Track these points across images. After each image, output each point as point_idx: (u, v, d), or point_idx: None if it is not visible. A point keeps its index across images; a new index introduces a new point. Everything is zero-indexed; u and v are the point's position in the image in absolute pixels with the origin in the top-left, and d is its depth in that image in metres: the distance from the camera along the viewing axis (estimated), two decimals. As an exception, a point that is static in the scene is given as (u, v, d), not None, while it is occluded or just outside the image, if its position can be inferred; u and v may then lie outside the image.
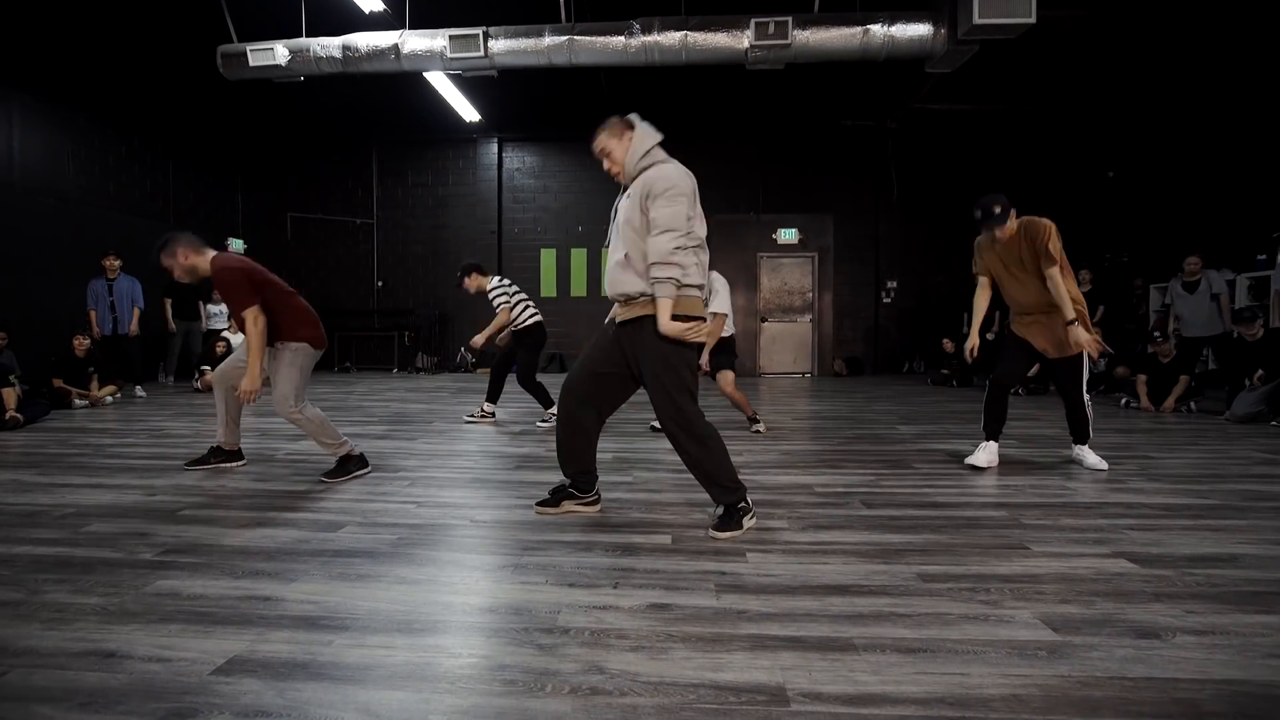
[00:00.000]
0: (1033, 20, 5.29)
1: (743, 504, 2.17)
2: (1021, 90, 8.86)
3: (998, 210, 2.99)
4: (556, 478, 2.67)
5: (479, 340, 4.59)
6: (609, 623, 1.49)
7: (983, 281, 3.30)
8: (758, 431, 4.25)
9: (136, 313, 6.66)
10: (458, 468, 3.21)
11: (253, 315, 2.75)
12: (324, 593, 1.66)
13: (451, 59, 6.26)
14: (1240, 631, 1.44)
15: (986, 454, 3.18)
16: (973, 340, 3.27)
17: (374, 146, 10.69)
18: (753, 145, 10.18)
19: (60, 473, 3.06)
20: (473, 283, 4.67)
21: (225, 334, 7.49)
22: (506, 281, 4.67)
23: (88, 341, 5.86)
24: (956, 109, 9.46)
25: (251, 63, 6.48)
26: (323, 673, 1.26)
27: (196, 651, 1.34)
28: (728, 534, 2.10)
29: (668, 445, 3.24)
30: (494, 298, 4.58)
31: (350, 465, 2.95)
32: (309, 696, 1.18)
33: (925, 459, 3.42)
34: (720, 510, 2.17)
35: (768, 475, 3.04)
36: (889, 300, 10.25)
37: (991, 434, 3.24)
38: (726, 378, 4.16)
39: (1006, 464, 3.25)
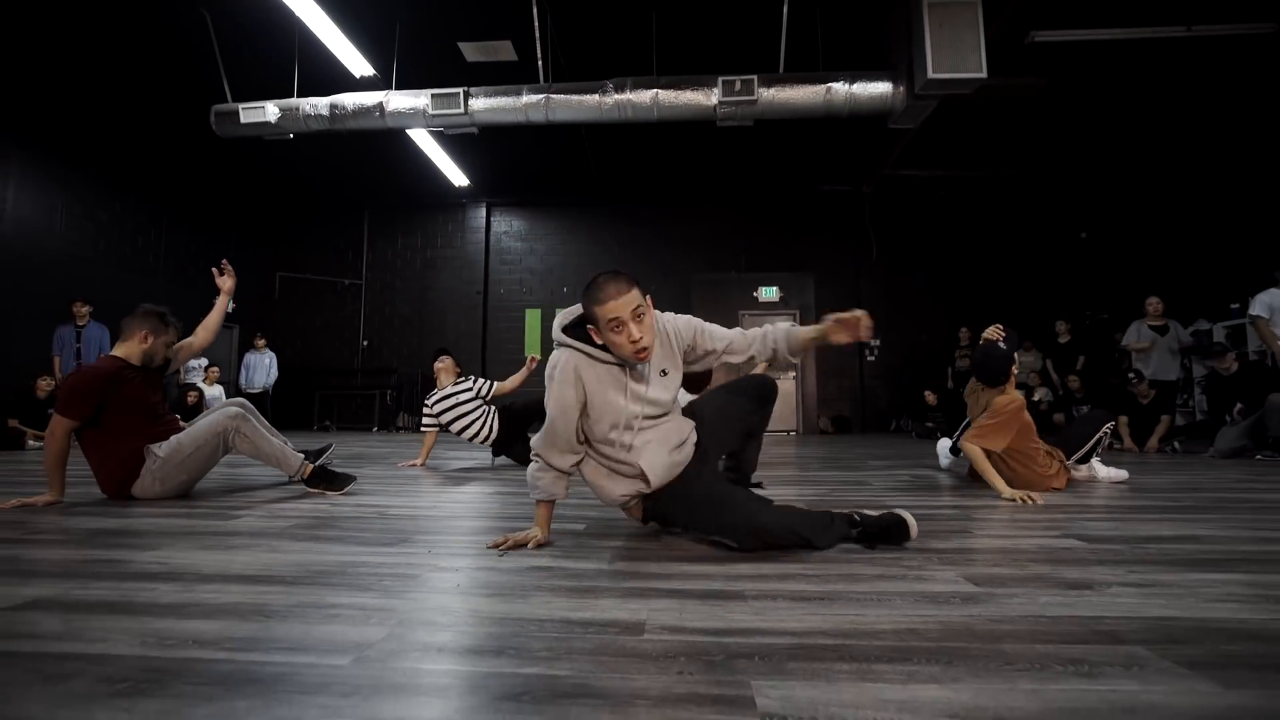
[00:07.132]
0: (984, 75, 5.51)
1: None
2: (989, 156, 9.21)
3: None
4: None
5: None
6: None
7: None
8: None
9: (105, 360, 6.58)
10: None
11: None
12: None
13: (434, 116, 6.52)
14: (1185, 584, 1.28)
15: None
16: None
17: (365, 210, 11.00)
18: (734, 207, 10.48)
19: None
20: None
21: (200, 385, 7.43)
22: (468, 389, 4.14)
23: (52, 383, 5.77)
24: (929, 175, 9.80)
25: (243, 120, 6.74)
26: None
27: None
28: None
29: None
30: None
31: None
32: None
33: (888, 480, 3.25)
34: None
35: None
36: (873, 358, 10.22)
37: None
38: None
39: (966, 488, 3.09)
